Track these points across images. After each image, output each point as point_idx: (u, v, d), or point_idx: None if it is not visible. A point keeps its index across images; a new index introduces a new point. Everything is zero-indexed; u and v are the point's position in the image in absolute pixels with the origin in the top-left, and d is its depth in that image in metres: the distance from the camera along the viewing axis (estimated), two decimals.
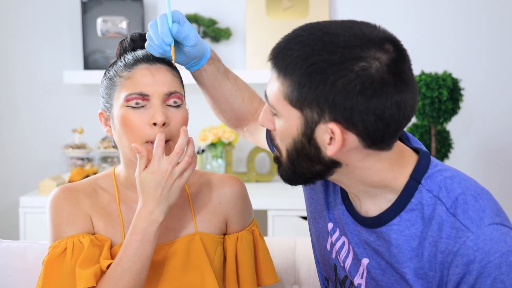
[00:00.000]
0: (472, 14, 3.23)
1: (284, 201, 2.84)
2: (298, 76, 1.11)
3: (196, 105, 3.24)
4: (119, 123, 1.36)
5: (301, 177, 1.21)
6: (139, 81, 1.35)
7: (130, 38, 1.44)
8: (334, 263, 1.33)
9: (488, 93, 3.24)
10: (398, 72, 1.10)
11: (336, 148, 1.12)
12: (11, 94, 3.30)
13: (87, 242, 1.36)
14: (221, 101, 1.50)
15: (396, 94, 1.10)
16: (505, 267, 1.11)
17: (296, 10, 3.21)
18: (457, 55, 3.23)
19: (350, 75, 1.08)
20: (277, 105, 1.15)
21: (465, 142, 3.25)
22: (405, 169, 1.19)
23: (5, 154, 3.32)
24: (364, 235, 1.24)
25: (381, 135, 1.12)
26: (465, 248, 1.12)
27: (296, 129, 1.14)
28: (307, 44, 1.12)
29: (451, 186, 1.17)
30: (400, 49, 1.14)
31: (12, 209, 3.25)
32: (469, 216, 1.14)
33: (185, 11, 3.23)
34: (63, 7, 3.27)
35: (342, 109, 1.09)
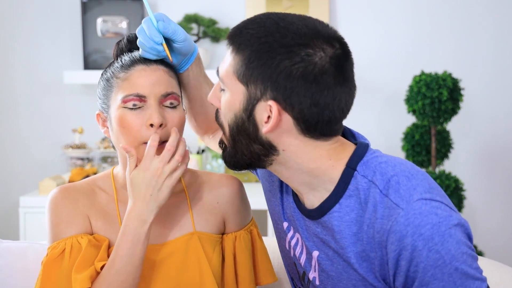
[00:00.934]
0: (472, 14, 3.23)
1: None
2: (249, 52, 1.19)
3: None
4: (116, 124, 1.36)
5: (242, 158, 1.25)
6: (136, 82, 1.35)
7: (126, 39, 1.44)
8: (294, 261, 1.36)
9: (488, 93, 3.24)
10: (339, 67, 1.18)
11: (271, 126, 1.18)
12: (11, 94, 3.30)
13: (85, 243, 1.36)
14: (197, 105, 1.53)
15: (333, 85, 1.17)
16: (437, 238, 1.14)
17: (296, 10, 3.21)
18: (457, 55, 3.23)
19: (295, 58, 1.16)
20: (226, 78, 1.22)
21: (465, 142, 3.25)
22: (342, 159, 1.24)
23: (5, 154, 3.32)
24: (311, 228, 1.28)
25: (315, 122, 1.18)
26: (396, 224, 1.16)
27: (239, 103, 1.20)
28: (263, 25, 1.20)
29: (385, 170, 1.21)
30: (346, 50, 1.21)
31: (12, 209, 3.25)
32: (400, 195, 1.18)
33: (185, 11, 3.23)
34: (63, 7, 3.28)
35: (283, 89, 1.16)
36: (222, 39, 3.22)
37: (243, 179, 3.21)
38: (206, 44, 3.27)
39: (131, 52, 1.42)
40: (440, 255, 1.14)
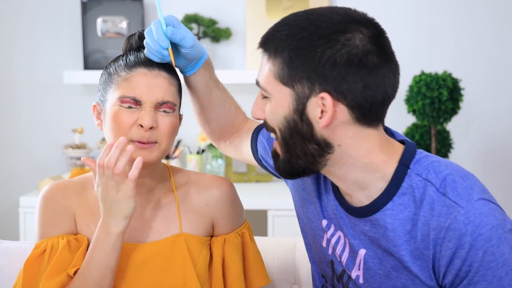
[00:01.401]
0: (472, 14, 3.23)
1: (284, 201, 2.83)
2: (287, 52, 1.17)
3: None
4: (110, 119, 1.38)
5: (297, 163, 1.23)
6: (135, 85, 1.36)
7: (138, 35, 1.45)
8: (331, 259, 1.34)
9: (488, 93, 3.24)
10: (380, 44, 1.18)
11: (327, 119, 1.16)
12: (11, 94, 3.30)
13: (62, 245, 1.38)
14: (209, 110, 1.52)
15: (380, 64, 1.17)
16: (495, 240, 1.14)
17: (296, 10, 3.18)
18: (457, 55, 3.23)
19: (336, 45, 1.15)
20: (268, 86, 1.21)
21: (465, 142, 3.25)
22: (393, 155, 1.23)
23: (5, 154, 3.32)
24: (359, 226, 1.27)
25: (370, 105, 1.17)
26: (456, 222, 1.15)
27: (288, 106, 1.19)
28: (293, 24, 1.19)
29: (439, 168, 1.21)
30: (380, 28, 1.21)
31: (12, 209, 3.25)
32: (459, 193, 1.17)
33: (185, 11, 3.23)
34: (63, 7, 3.27)
35: (332, 79, 1.15)
36: (222, 39, 3.22)
37: (243, 179, 3.21)
38: (206, 44, 3.27)
39: (139, 50, 1.42)
40: (494, 257, 1.14)
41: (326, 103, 1.16)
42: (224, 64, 3.29)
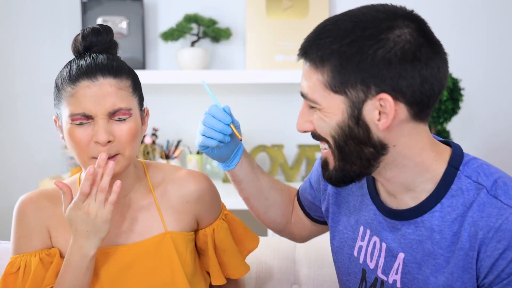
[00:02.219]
0: (472, 14, 3.23)
1: None
2: (336, 59, 1.13)
3: (196, 105, 3.24)
4: (67, 137, 1.35)
5: (352, 169, 1.20)
6: (81, 100, 1.31)
7: (81, 35, 1.38)
8: (363, 267, 1.33)
9: (488, 93, 3.24)
10: (428, 35, 1.16)
11: (389, 121, 1.14)
12: (11, 94, 3.30)
13: (35, 264, 1.38)
14: (264, 197, 1.50)
15: (433, 55, 1.15)
16: None
17: (296, 10, 3.20)
18: (457, 55, 3.23)
19: (388, 44, 1.12)
20: (318, 96, 1.17)
21: (465, 142, 3.24)
22: (442, 155, 1.22)
23: (5, 154, 3.32)
24: (400, 229, 1.24)
25: (427, 99, 1.15)
26: (507, 223, 1.13)
27: (342, 113, 1.16)
28: (337, 29, 1.15)
29: (489, 171, 1.20)
30: (422, 19, 1.19)
31: (12, 209, 3.24)
32: (510, 196, 1.15)
33: (185, 11, 3.23)
34: (63, 7, 3.27)
35: (389, 79, 1.12)
36: (222, 39, 3.22)
37: None
38: (206, 44, 3.27)
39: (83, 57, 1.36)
40: None
41: (386, 104, 1.13)
42: (224, 64, 3.29)
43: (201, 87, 3.26)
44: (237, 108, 3.23)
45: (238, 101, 3.27)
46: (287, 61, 3.17)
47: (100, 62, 1.34)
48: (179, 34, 3.15)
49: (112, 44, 1.40)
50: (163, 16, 3.28)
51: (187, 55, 3.13)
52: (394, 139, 1.17)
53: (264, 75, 3.07)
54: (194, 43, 3.19)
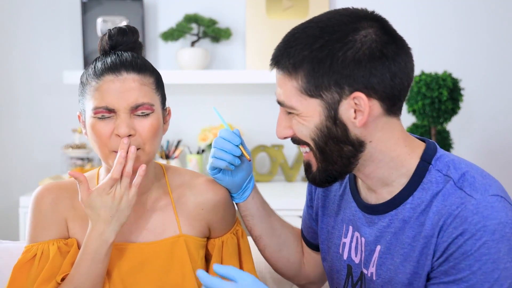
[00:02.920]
0: (472, 14, 3.23)
1: (284, 201, 2.83)
2: (308, 65, 1.18)
3: (196, 105, 3.24)
4: (89, 131, 1.37)
5: (334, 169, 1.24)
6: (105, 94, 1.33)
7: (108, 35, 1.41)
8: (348, 263, 1.36)
9: (488, 93, 3.24)
10: (391, 33, 1.22)
11: (364, 117, 1.18)
12: (11, 94, 3.30)
13: (53, 251, 1.38)
14: (275, 235, 1.51)
15: (398, 51, 1.20)
16: (497, 235, 1.14)
17: (296, 10, 3.20)
18: (457, 55, 3.23)
19: (356, 45, 1.17)
20: (295, 102, 1.21)
21: (465, 142, 3.25)
22: (416, 149, 1.26)
23: (5, 154, 3.32)
24: (377, 223, 1.28)
25: (398, 92, 1.20)
26: (465, 210, 1.16)
27: (319, 116, 1.20)
28: (305, 36, 1.20)
29: (459, 165, 1.23)
30: (384, 18, 1.25)
31: (12, 209, 3.25)
32: (475, 188, 1.19)
33: (185, 11, 3.23)
34: (63, 7, 3.27)
35: (360, 78, 1.17)
36: (222, 39, 3.22)
37: None
38: (206, 44, 3.27)
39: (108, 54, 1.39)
40: (489, 251, 1.14)
41: (360, 101, 1.18)
42: (224, 64, 3.29)
43: (201, 87, 3.26)
44: (237, 108, 3.23)
45: (238, 101, 3.27)
46: None
47: (124, 59, 1.36)
48: (179, 34, 3.15)
49: (137, 44, 1.43)
50: (163, 16, 3.28)
51: (187, 55, 3.13)
52: (370, 135, 1.22)
53: (264, 75, 3.07)
54: (194, 43, 3.19)
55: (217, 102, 3.26)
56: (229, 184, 1.45)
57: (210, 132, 3.11)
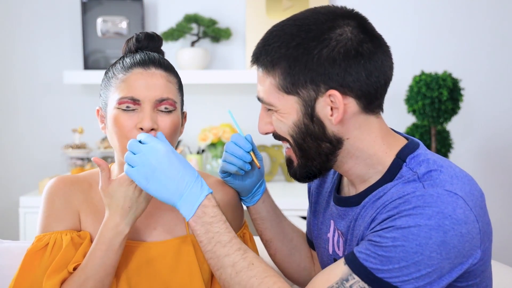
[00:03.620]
0: (472, 14, 3.23)
1: (284, 201, 2.83)
2: (285, 62, 1.20)
3: (196, 105, 3.24)
4: (110, 122, 1.38)
5: (313, 165, 1.26)
6: (132, 85, 1.37)
7: (135, 38, 1.45)
8: (334, 257, 1.37)
9: (488, 93, 3.24)
10: (368, 31, 1.21)
11: (340, 115, 1.19)
12: (11, 94, 3.30)
13: (67, 241, 1.39)
14: (287, 239, 1.52)
15: (375, 50, 1.20)
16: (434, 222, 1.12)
17: (296, 10, 3.20)
18: (457, 55, 3.23)
19: (331, 43, 1.18)
20: (273, 99, 1.23)
21: (465, 142, 3.25)
22: (394, 147, 1.26)
23: (5, 154, 3.32)
24: (348, 215, 1.30)
25: (375, 91, 1.20)
26: (411, 195, 1.15)
27: (297, 113, 1.21)
28: (283, 34, 1.21)
29: (432, 165, 1.21)
30: (362, 16, 1.24)
31: (12, 209, 3.25)
32: (434, 183, 1.17)
33: (185, 11, 3.23)
34: (63, 7, 3.27)
35: (335, 76, 1.18)
36: (222, 39, 3.22)
37: None
38: (206, 44, 3.27)
39: (137, 52, 1.44)
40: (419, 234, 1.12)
41: (335, 99, 1.19)
42: (224, 64, 3.29)
43: (201, 87, 3.26)
44: (237, 108, 3.23)
45: (238, 101, 3.27)
46: None
47: (153, 57, 1.41)
48: (179, 34, 3.15)
49: (159, 51, 1.48)
50: (163, 16, 3.28)
51: (187, 55, 3.13)
52: (347, 132, 1.23)
53: None
54: (194, 43, 3.19)
55: (217, 102, 3.26)
56: (239, 187, 1.46)
57: (210, 132, 3.11)
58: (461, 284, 1.20)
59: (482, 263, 1.20)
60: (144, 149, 1.25)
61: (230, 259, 1.23)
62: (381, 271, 1.13)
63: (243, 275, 1.21)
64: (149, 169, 1.24)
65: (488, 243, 1.21)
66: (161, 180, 1.24)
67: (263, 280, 1.20)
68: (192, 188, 1.25)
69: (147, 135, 1.28)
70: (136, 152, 1.26)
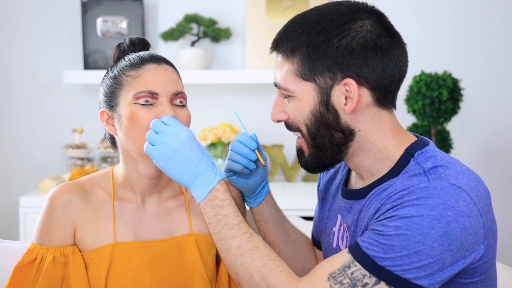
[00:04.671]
0: (472, 14, 3.23)
1: (284, 201, 2.83)
2: (305, 49, 1.23)
3: (196, 105, 3.24)
4: (127, 119, 1.38)
5: (324, 155, 1.28)
6: (148, 80, 1.38)
7: (129, 41, 1.47)
8: (336, 251, 1.37)
9: (488, 93, 3.24)
10: (387, 26, 1.26)
11: (353, 104, 1.22)
12: (11, 94, 3.30)
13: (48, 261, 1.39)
14: (290, 240, 1.52)
15: (392, 44, 1.24)
16: (436, 213, 1.13)
17: (296, 10, 3.20)
18: (457, 55, 3.23)
19: (351, 34, 1.21)
20: (290, 85, 1.26)
21: (465, 142, 3.25)
22: (403, 143, 1.28)
23: (5, 154, 3.32)
24: (354, 208, 1.31)
25: (389, 84, 1.24)
26: (415, 187, 1.17)
27: (313, 100, 1.24)
28: (305, 22, 1.24)
29: (439, 161, 1.23)
30: (381, 12, 1.28)
31: (12, 209, 3.25)
32: (439, 177, 1.18)
33: (185, 11, 3.23)
34: (63, 7, 3.28)
35: (353, 66, 1.21)
36: (222, 39, 3.22)
37: None
38: (206, 44, 3.27)
39: (137, 52, 1.45)
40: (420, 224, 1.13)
41: (351, 88, 1.21)
42: (224, 64, 3.29)
43: (201, 87, 3.26)
44: (237, 108, 3.23)
45: (238, 101, 3.27)
46: None
47: (162, 56, 1.44)
48: (179, 34, 3.15)
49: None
50: (163, 16, 3.28)
51: (187, 55, 3.13)
52: (359, 124, 1.25)
53: (264, 75, 3.07)
54: (194, 43, 3.19)
55: (217, 102, 3.26)
56: (243, 187, 1.46)
57: (210, 132, 3.12)
58: (465, 281, 1.21)
59: (486, 260, 1.20)
60: (167, 130, 1.30)
61: (236, 241, 1.27)
62: (382, 259, 1.14)
63: (247, 257, 1.25)
64: (169, 150, 1.29)
65: (493, 241, 1.21)
66: (179, 162, 1.29)
67: (266, 263, 1.24)
68: (207, 173, 1.30)
69: (170, 117, 1.33)
70: (159, 132, 1.30)
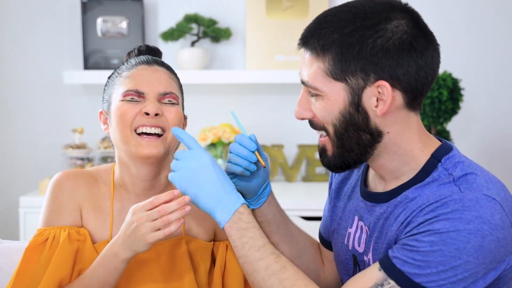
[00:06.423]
0: (472, 14, 3.23)
1: (284, 201, 2.80)
2: (337, 48, 1.19)
3: (196, 105, 3.24)
4: (114, 115, 1.40)
5: (349, 155, 1.25)
6: (136, 79, 1.41)
7: (137, 50, 1.51)
8: (353, 253, 1.36)
9: (488, 93, 3.24)
10: (422, 27, 1.23)
11: (385, 107, 1.19)
12: (11, 94, 3.29)
13: (63, 237, 1.39)
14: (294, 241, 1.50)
15: (427, 45, 1.21)
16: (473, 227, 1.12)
17: (296, 10, 3.20)
18: (457, 55, 3.23)
19: (386, 34, 1.18)
20: (320, 84, 1.22)
21: (465, 142, 3.25)
22: (429, 146, 1.26)
23: (5, 154, 3.32)
24: (376, 211, 1.29)
25: (422, 86, 1.20)
26: (449, 198, 1.15)
27: (343, 100, 1.21)
28: (338, 19, 1.20)
29: (467, 167, 1.22)
30: (416, 12, 1.25)
31: (12, 209, 3.25)
32: (471, 187, 1.17)
33: (185, 11, 3.23)
34: (63, 7, 3.27)
35: (387, 67, 1.18)
36: (222, 39, 3.22)
37: None
38: (206, 44, 3.27)
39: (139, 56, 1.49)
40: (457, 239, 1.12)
41: (384, 90, 1.18)
42: (224, 64, 3.29)
43: (201, 87, 3.26)
44: (237, 108, 3.23)
45: (238, 101, 3.27)
46: (287, 61, 3.17)
47: (156, 58, 1.48)
48: (179, 34, 3.15)
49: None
50: (163, 16, 3.28)
51: (187, 55, 3.13)
52: (388, 126, 1.22)
53: (264, 75, 3.07)
54: (194, 43, 3.19)
55: (217, 102, 3.26)
56: (245, 189, 1.43)
57: (210, 132, 3.12)
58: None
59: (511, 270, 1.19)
60: (188, 154, 1.29)
61: (264, 263, 1.25)
62: (418, 276, 1.13)
63: (276, 278, 1.24)
64: (189, 172, 1.27)
65: None
66: (200, 184, 1.27)
67: (295, 282, 1.23)
68: (230, 195, 1.27)
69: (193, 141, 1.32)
70: (180, 158, 1.29)
